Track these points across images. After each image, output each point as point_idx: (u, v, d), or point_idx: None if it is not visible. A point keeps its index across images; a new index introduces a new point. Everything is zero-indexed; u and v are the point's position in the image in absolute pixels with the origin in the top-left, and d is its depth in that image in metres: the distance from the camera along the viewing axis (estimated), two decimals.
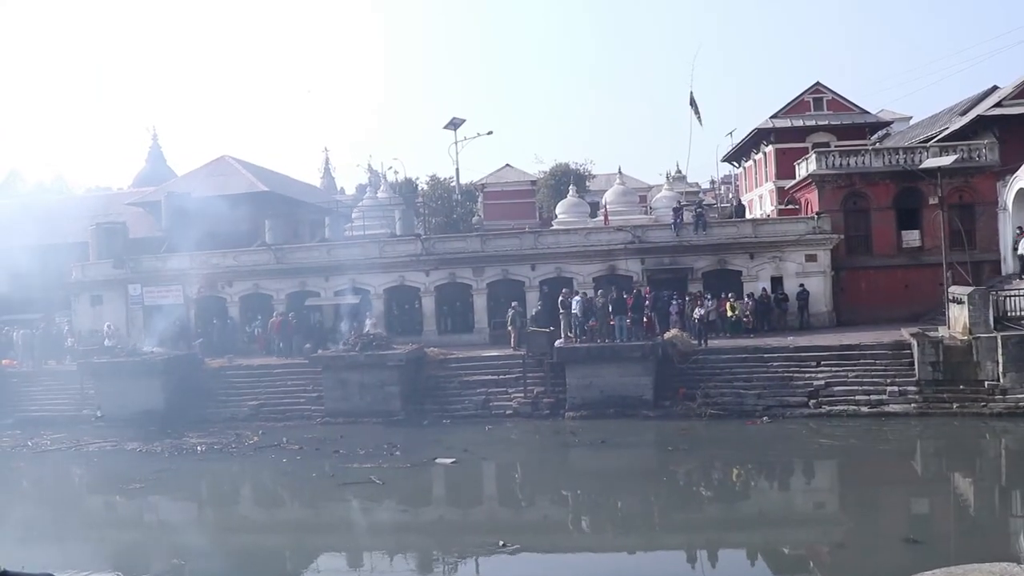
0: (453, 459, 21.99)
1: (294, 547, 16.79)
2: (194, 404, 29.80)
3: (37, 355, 35.33)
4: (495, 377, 28.90)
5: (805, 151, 39.90)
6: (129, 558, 16.69)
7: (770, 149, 46.28)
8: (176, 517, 20.43)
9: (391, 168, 53.26)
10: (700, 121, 48.04)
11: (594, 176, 63.30)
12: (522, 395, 27.72)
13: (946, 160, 29.77)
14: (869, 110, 47.66)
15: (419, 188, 55.16)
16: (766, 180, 47.61)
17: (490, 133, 65.55)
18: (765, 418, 24.61)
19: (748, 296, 32.01)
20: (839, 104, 46.32)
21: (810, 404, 24.98)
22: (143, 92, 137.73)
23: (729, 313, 31.10)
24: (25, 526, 19.44)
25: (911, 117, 54.68)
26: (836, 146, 40.23)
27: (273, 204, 41.96)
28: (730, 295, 31.81)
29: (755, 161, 50.62)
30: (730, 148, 54.87)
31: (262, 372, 31.52)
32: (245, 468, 23.50)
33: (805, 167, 36.39)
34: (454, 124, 48.57)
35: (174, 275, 37.54)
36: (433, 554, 16.09)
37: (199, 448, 25.26)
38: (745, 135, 50.20)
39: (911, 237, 33.25)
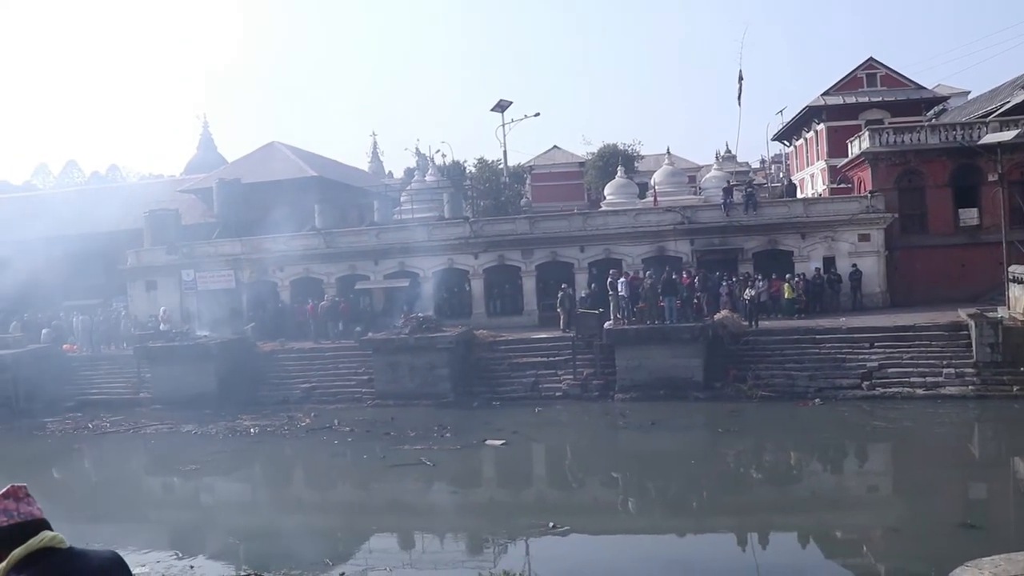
0: (503, 441, 22.07)
1: (346, 527, 16.97)
2: (247, 387, 30.24)
3: (95, 340, 36.13)
4: (544, 359, 28.91)
5: (857, 129, 39.16)
6: (186, 537, 17.03)
7: (821, 127, 45.49)
8: (231, 498, 20.77)
9: (439, 151, 53.22)
10: (739, 102, 47.36)
11: (642, 157, 62.80)
12: (571, 377, 27.70)
13: (1006, 135, 28.94)
14: (925, 85, 46.54)
15: (467, 171, 55.15)
16: (817, 159, 46.84)
17: (537, 115, 65.35)
18: (817, 400, 24.32)
19: (799, 277, 31.59)
20: (893, 80, 45.31)
21: (863, 386, 24.61)
22: (194, 80, 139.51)
23: (787, 294, 30.63)
24: (87, 505, 19.94)
25: (969, 92, 53.18)
26: (890, 123, 39.41)
27: (322, 189, 42.29)
28: (787, 275, 31.42)
29: (806, 140, 49.81)
30: (780, 127, 54.04)
31: (313, 355, 31.86)
32: (297, 450, 23.80)
33: (858, 145, 35.71)
34: (501, 106, 48.37)
35: (226, 260, 38.07)
36: (483, 535, 16.16)
37: (252, 430, 25.65)
38: (796, 113, 49.38)
39: (969, 215, 32.44)
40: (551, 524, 15.05)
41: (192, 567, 13.42)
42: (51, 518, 2.97)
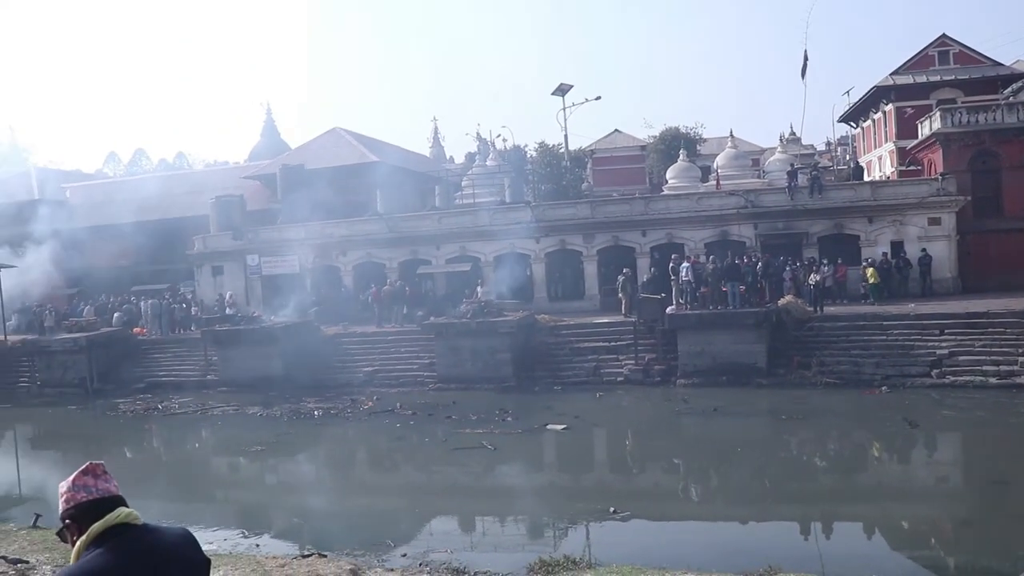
0: (564, 425, 22.06)
1: (407, 510, 17.11)
2: (310, 370, 30.65)
3: (164, 324, 36.99)
4: (606, 344, 28.82)
5: (928, 109, 38.18)
6: (251, 516, 17.33)
7: (890, 108, 44.40)
8: (295, 479, 21.09)
9: (499, 136, 53.54)
10: (803, 79, 46.35)
11: (705, 140, 62.07)
12: (633, 362, 27.58)
13: None
14: (1002, 62, 44.98)
15: (528, 155, 55.08)
16: (886, 140, 45.75)
17: (598, 98, 64.79)
18: (884, 388, 23.84)
19: (867, 261, 30.99)
20: (967, 57, 43.87)
21: (932, 374, 24.02)
22: (258, 68, 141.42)
23: (870, 279, 29.97)
24: (157, 483, 20.44)
25: None
26: (963, 102, 38.22)
27: (384, 174, 42.60)
28: (868, 260, 30.86)
29: (874, 121, 48.67)
30: (847, 108, 52.90)
31: (376, 339, 32.16)
32: (360, 432, 24.06)
33: (929, 125, 34.84)
34: (562, 90, 48.10)
35: (290, 245, 38.65)
36: (544, 519, 16.17)
37: (316, 413, 26.01)
38: (863, 94, 48.29)
39: None
40: (612, 509, 15.01)
41: (258, 545, 13.67)
42: (124, 495, 3.05)
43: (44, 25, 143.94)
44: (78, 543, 2.90)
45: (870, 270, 30.01)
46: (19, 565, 9.17)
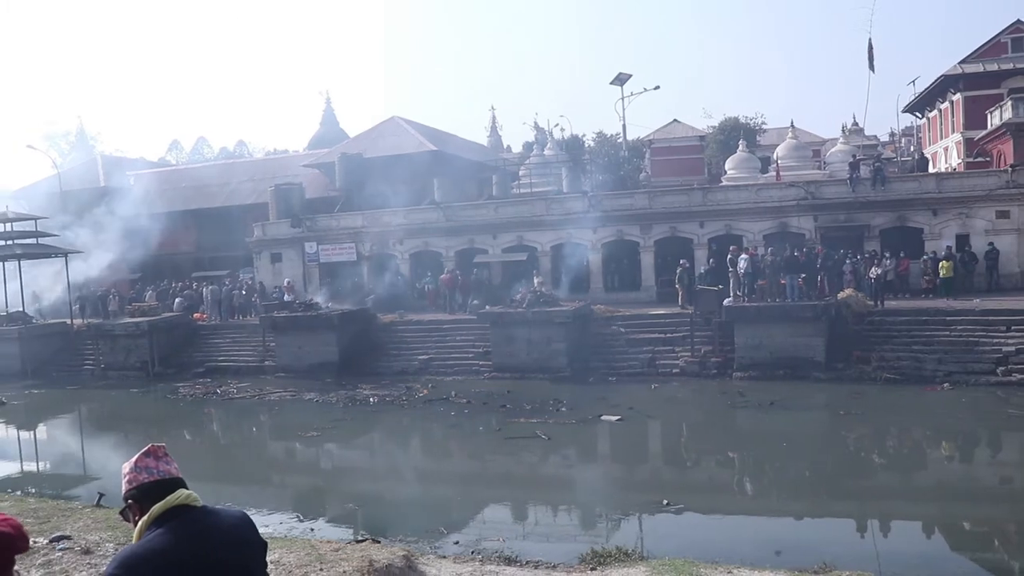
0: (618, 417, 21.97)
1: (461, 498, 17.20)
2: (367, 357, 30.93)
3: (224, 309, 37.64)
4: (662, 335, 28.63)
5: (999, 98, 37.20)
6: (307, 501, 17.57)
7: (958, 97, 43.34)
8: (350, 464, 21.33)
9: (557, 125, 53.25)
10: (872, 67, 45.34)
11: (765, 130, 61.26)
12: (689, 354, 27.37)
13: None
14: None
15: (586, 145, 54.89)
16: (952, 131, 44.68)
17: (657, 88, 64.47)
18: (946, 385, 23.34)
19: (930, 256, 30.35)
20: None
21: (998, 371, 23.43)
22: (317, 58, 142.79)
23: (944, 272, 29.34)
24: (215, 466, 20.86)
25: None
26: None
27: (441, 163, 42.78)
28: (932, 252, 30.29)
29: (940, 111, 47.57)
30: (913, 98, 51.78)
31: (432, 327, 32.30)
32: (415, 420, 24.20)
33: (999, 115, 33.97)
34: (620, 79, 47.83)
35: (348, 233, 39.03)
36: (596, 510, 16.14)
37: (372, 400, 26.26)
38: (930, 83, 47.19)
39: None
40: (665, 502, 14.93)
41: (312, 529, 13.85)
42: (183, 476, 3.12)
43: (111, 16, 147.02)
44: (140, 523, 2.97)
45: (945, 263, 29.31)
46: (63, 541, 9.40)
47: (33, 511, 11.41)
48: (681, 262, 31.59)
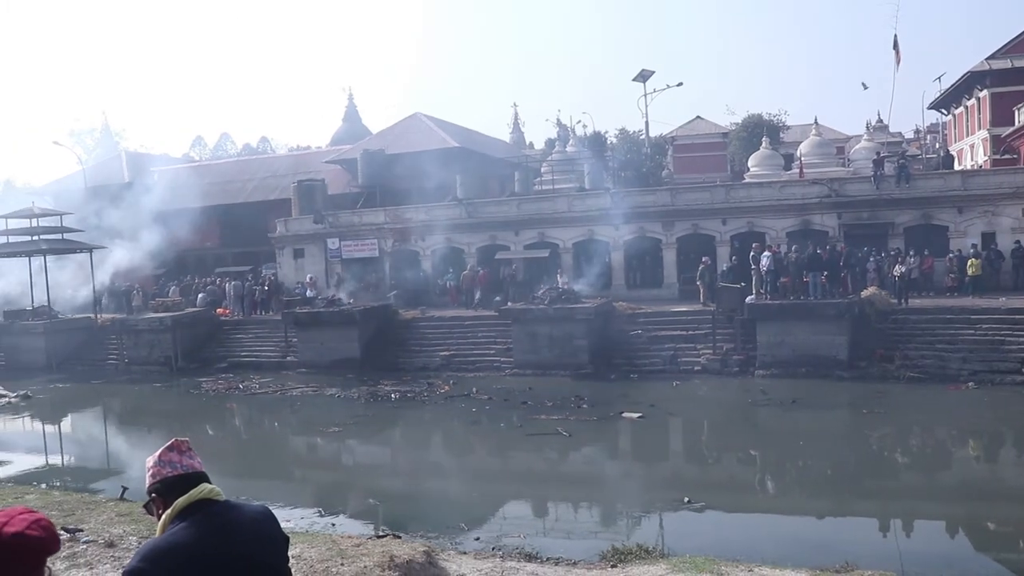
0: (640, 414, 21.91)
1: (481, 494, 17.21)
2: (388, 353, 31.01)
3: (246, 305, 37.86)
4: (684, 332, 28.55)
5: None
6: (328, 496, 17.63)
7: (984, 94, 42.87)
8: (371, 460, 21.39)
9: (579, 122, 53.29)
10: (898, 63, 44.87)
11: (788, 127, 60.87)
12: (711, 351, 27.27)
13: None
14: None
15: (608, 142, 54.76)
16: (979, 128, 44.22)
17: (680, 85, 63.97)
18: (971, 383, 23.13)
19: (955, 254, 30.07)
20: None
21: None
22: (340, 54, 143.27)
23: (971, 271, 29.01)
24: (237, 460, 20.99)
25: None
26: None
27: (464, 159, 42.81)
28: (958, 250, 30.01)
29: (966, 107, 47.09)
30: (938, 94, 51.27)
31: (453, 323, 32.33)
32: (436, 416, 24.22)
33: None
34: (643, 76, 47.60)
35: (370, 229, 39.14)
36: (617, 507, 16.11)
37: (393, 395, 26.31)
38: (956, 79, 46.72)
39: None
40: (686, 499, 14.88)
41: (333, 524, 13.90)
42: (206, 471, 3.15)
43: (135, 13, 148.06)
44: (163, 516, 2.99)
45: (973, 260, 29.00)
46: (77, 533, 9.51)
47: (58, 504, 11.54)
48: (703, 259, 31.50)
